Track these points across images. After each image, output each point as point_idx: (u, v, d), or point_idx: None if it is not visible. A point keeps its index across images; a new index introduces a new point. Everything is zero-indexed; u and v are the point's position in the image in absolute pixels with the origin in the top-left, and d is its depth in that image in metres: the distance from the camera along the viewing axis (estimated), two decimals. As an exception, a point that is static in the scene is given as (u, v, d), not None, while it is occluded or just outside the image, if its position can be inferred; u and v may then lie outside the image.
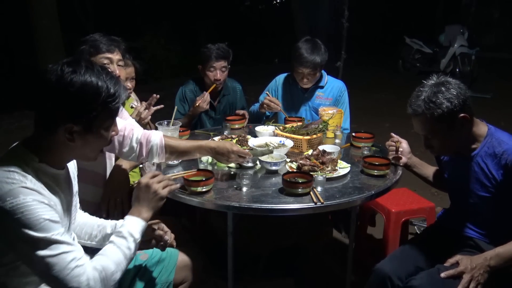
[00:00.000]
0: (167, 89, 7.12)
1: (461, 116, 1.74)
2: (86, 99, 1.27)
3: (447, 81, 1.77)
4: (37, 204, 1.22)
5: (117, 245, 1.40)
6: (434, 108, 1.71)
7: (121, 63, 2.15)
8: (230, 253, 2.00)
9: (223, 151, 1.93)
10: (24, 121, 6.14)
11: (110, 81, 1.32)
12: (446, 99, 1.71)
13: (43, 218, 1.22)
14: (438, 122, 1.74)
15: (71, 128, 1.28)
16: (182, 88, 3.09)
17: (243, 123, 2.82)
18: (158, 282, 1.71)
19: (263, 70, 7.40)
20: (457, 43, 8.76)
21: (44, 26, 6.55)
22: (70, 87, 1.25)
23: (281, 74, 3.15)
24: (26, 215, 1.20)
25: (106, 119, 1.35)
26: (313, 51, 2.82)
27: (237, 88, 3.21)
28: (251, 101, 3.01)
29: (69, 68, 1.27)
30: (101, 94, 1.29)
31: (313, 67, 2.83)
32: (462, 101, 1.72)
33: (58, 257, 1.24)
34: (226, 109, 3.15)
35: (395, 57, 9.76)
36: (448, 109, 1.71)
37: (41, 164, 1.32)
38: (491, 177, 1.79)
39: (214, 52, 2.92)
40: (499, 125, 1.90)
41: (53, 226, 1.24)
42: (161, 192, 1.52)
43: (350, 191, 1.90)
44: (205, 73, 2.97)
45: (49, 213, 1.24)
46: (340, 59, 5.72)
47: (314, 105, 3.00)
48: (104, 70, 1.35)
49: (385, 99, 7.61)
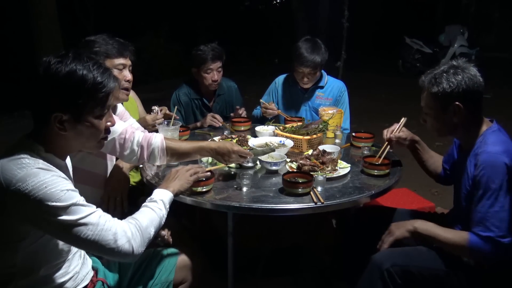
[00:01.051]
0: (167, 89, 7.13)
1: (455, 104, 1.75)
2: (72, 87, 1.30)
3: (465, 67, 1.77)
4: (56, 178, 1.28)
5: (149, 206, 1.54)
6: (434, 84, 1.76)
7: (130, 68, 2.17)
8: (230, 253, 2.00)
9: (223, 151, 1.93)
10: (24, 121, 6.14)
11: (97, 70, 1.34)
12: (447, 81, 1.74)
13: (65, 189, 1.28)
14: (433, 99, 1.78)
15: (60, 118, 1.31)
16: (175, 93, 3.06)
17: (248, 125, 2.80)
18: (158, 282, 1.71)
19: (263, 70, 7.41)
20: (457, 43, 8.78)
21: (44, 26, 6.55)
22: (56, 76, 1.29)
23: (281, 75, 3.15)
24: (49, 189, 1.25)
25: (95, 107, 1.35)
26: (313, 50, 2.82)
27: (232, 87, 3.20)
28: (251, 101, 3.01)
29: (56, 59, 1.30)
30: (87, 81, 1.31)
31: (313, 67, 2.83)
32: (462, 90, 1.73)
33: (87, 218, 1.29)
34: (222, 109, 3.14)
35: (395, 57, 9.76)
36: (444, 91, 1.74)
37: (48, 153, 1.35)
38: (470, 176, 1.79)
39: (210, 53, 2.90)
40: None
41: (74, 194, 1.30)
42: (188, 177, 1.75)
43: (350, 191, 1.90)
44: (201, 75, 2.95)
45: (68, 185, 1.30)
46: (340, 59, 5.73)
47: (314, 105, 3.00)
48: (92, 60, 1.36)
49: (385, 99, 7.61)
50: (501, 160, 1.67)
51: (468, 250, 1.72)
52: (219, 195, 1.86)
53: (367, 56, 10.78)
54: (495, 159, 1.68)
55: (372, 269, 1.80)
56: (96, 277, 1.60)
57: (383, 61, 10.33)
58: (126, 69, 2.12)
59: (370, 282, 1.80)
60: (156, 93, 7.02)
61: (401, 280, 1.76)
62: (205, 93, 3.07)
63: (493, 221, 1.67)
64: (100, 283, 1.60)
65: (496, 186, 1.67)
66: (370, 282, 1.80)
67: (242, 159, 1.99)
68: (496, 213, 1.67)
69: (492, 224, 1.67)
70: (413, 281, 1.78)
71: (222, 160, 1.96)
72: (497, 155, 1.68)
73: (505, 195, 1.67)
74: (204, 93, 3.07)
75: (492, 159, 1.68)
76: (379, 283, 1.77)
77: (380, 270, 1.77)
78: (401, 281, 1.76)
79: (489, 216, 1.68)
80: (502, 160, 1.67)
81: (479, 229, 1.70)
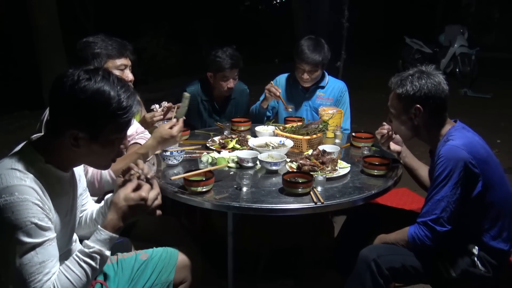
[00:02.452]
0: (166, 89, 7.15)
1: (416, 106, 1.82)
2: (95, 107, 1.27)
3: (431, 74, 1.85)
4: (28, 205, 1.22)
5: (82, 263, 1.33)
6: (399, 85, 1.87)
7: (131, 68, 2.16)
8: (230, 253, 2.00)
9: (165, 137, 2.01)
10: (24, 121, 6.15)
11: (125, 93, 1.31)
12: (411, 84, 1.83)
13: (30, 221, 1.22)
14: (397, 100, 1.89)
15: (76, 134, 1.28)
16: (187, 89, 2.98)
17: (248, 125, 2.79)
18: (158, 282, 1.71)
19: (263, 70, 7.39)
20: (457, 43, 8.77)
21: (44, 26, 6.55)
22: (82, 94, 1.25)
23: (282, 75, 3.14)
24: (15, 215, 1.21)
25: (114, 131, 1.33)
26: (315, 48, 2.81)
27: (244, 92, 3.19)
28: (251, 101, 3.00)
29: (85, 75, 1.27)
30: (112, 105, 1.28)
31: (313, 64, 2.83)
32: (424, 94, 1.81)
33: (28, 265, 1.23)
34: (232, 112, 3.12)
35: (395, 57, 9.75)
36: (407, 92, 1.83)
37: (47, 164, 1.33)
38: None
39: (229, 62, 2.87)
40: (499, 125, 1.91)
41: (38, 232, 1.24)
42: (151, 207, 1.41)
43: (350, 191, 1.90)
44: (216, 81, 2.94)
45: (39, 216, 1.24)
46: (340, 59, 5.73)
47: (315, 105, 3.00)
48: (120, 82, 1.33)
49: (385, 99, 7.45)
50: (458, 153, 1.71)
51: (408, 241, 1.79)
52: (219, 195, 1.86)
53: (367, 56, 10.78)
54: (453, 152, 1.72)
55: (360, 262, 1.83)
56: (95, 279, 1.60)
57: (383, 61, 10.32)
58: (127, 69, 2.12)
59: (359, 275, 1.82)
60: (156, 93, 7.02)
61: (389, 271, 1.78)
62: (216, 97, 3.05)
63: (433, 208, 1.72)
64: (99, 285, 1.60)
65: (445, 176, 1.71)
66: (359, 275, 1.82)
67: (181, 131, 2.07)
68: (438, 202, 1.72)
69: (430, 211, 1.72)
70: (400, 271, 1.80)
71: (170, 143, 2.05)
72: (455, 148, 1.72)
73: (452, 186, 1.70)
74: (216, 96, 3.05)
75: (450, 152, 1.72)
76: (367, 275, 1.79)
77: (367, 262, 1.80)
78: (388, 272, 1.78)
79: (430, 204, 1.74)
80: (460, 153, 1.71)
81: (418, 218, 1.76)
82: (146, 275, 1.70)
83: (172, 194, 1.89)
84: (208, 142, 2.46)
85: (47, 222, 1.27)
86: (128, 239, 1.94)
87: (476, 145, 1.78)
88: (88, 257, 1.32)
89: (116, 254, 1.75)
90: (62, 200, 1.39)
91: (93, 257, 1.32)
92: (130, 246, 1.93)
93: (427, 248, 1.75)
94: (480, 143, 1.81)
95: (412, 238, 1.78)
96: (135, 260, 1.72)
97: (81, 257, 1.32)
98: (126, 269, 1.69)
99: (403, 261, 1.81)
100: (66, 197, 1.42)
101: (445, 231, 1.72)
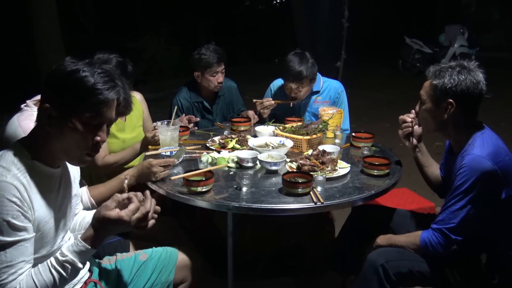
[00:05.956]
0: (167, 89, 7.14)
1: (449, 101, 1.75)
2: (66, 84, 1.30)
3: (472, 70, 1.77)
4: (4, 201, 1.22)
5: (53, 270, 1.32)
6: (436, 76, 1.78)
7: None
8: (230, 253, 2.00)
9: (144, 170, 1.95)
10: (24, 121, 6.13)
11: (101, 78, 1.32)
12: (450, 77, 1.75)
13: (2, 218, 1.22)
14: (431, 89, 1.80)
15: (50, 112, 1.29)
16: (176, 98, 3.01)
17: (248, 125, 2.78)
18: (158, 282, 1.71)
19: (263, 70, 7.41)
20: (457, 43, 8.77)
21: (44, 26, 6.54)
22: (60, 71, 1.31)
23: (276, 80, 3.09)
24: None
25: (83, 111, 1.31)
26: (301, 63, 2.75)
27: (232, 87, 3.18)
28: (251, 101, 3.00)
29: (73, 59, 1.34)
30: (83, 83, 1.29)
31: (299, 80, 2.76)
32: (460, 90, 1.73)
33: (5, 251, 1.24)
34: (223, 110, 3.13)
35: (395, 57, 9.76)
36: (443, 85, 1.75)
37: (33, 161, 1.33)
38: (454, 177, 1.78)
39: (215, 57, 2.88)
40: (498, 125, 1.90)
41: (9, 231, 1.23)
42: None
43: (350, 191, 1.90)
44: (206, 78, 2.93)
45: (13, 214, 1.24)
46: (340, 59, 5.74)
47: (313, 110, 2.97)
48: (102, 68, 1.36)
49: (385, 99, 7.60)
50: (482, 165, 1.66)
51: (419, 246, 1.77)
52: (219, 195, 1.86)
53: (367, 56, 10.78)
54: (477, 162, 1.67)
55: (367, 267, 1.82)
56: (90, 278, 1.60)
57: (383, 61, 10.32)
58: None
59: (365, 279, 1.82)
60: (156, 93, 7.02)
61: (396, 276, 1.77)
62: (206, 96, 3.06)
63: (450, 217, 1.70)
64: (92, 284, 1.59)
65: (467, 187, 1.67)
66: (365, 279, 1.82)
67: (166, 168, 1.97)
68: (456, 212, 1.69)
69: (447, 220, 1.70)
70: (406, 277, 1.80)
71: (149, 177, 1.95)
72: (480, 158, 1.67)
73: (473, 199, 1.66)
74: (205, 95, 3.06)
75: (474, 162, 1.67)
76: (374, 279, 1.78)
77: (375, 266, 1.79)
78: (396, 278, 1.77)
79: (447, 212, 1.71)
80: (484, 164, 1.66)
81: (433, 224, 1.74)
82: (146, 275, 1.70)
83: (172, 194, 1.89)
84: (208, 142, 2.47)
85: (23, 221, 1.26)
86: (127, 239, 1.94)
87: (502, 152, 1.73)
88: (60, 265, 1.31)
89: (115, 255, 1.75)
90: (51, 196, 1.39)
91: (65, 266, 1.31)
92: (129, 247, 1.93)
93: (439, 255, 1.74)
94: (505, 149, 1.77)
95: (424, 243, 1.75)
96: (134, 260, 1.72)
97: (53, 264, 1.31)
98: (125, 270, 1.69)
99: (410, 266, 1.79)
100: (55, 193, 1.42)
101: (459, 241, 1.70)
